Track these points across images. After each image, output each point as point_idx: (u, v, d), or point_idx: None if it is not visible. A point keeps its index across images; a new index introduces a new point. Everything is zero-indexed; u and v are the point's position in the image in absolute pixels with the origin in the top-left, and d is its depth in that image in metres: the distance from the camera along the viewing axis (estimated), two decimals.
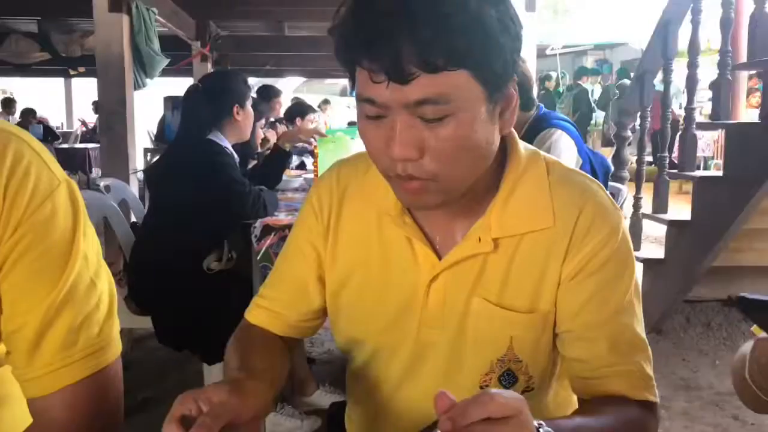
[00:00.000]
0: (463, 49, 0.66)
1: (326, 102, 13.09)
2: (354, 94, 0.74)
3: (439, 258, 0.83)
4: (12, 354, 0.73)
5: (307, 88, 17.29)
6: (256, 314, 0.95)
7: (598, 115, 9.41)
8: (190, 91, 2.44)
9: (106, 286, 0.76)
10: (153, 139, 7.43)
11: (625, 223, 0.83)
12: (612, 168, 2.53)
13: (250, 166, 3.12)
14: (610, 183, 2.93)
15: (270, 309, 0.94)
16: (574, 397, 0.92)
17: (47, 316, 0.70)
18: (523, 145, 0.85)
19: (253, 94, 2.53)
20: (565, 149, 2.25)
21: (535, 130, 2.35)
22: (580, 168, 2.25)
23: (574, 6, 8.45)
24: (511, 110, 0.76)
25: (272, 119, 4.40)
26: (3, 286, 0.71)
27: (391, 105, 0.69)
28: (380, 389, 0.91)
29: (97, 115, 10.09)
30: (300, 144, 3.07)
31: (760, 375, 0.73)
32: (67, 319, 0.71)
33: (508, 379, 0.83)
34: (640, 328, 0.82)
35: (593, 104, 9.59)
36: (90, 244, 0.75)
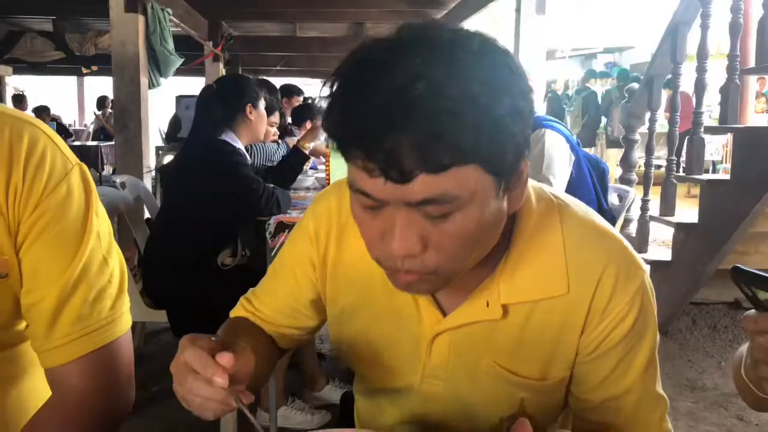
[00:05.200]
0: (471, 147, 0.58)
1: None
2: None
3: (444, 313, 0.77)
4: (31, 326, 0.78)
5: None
6: (241, 315, 0.93)
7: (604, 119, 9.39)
8: (205, 91, 2.50)
9: (117, 263, 0.82)
10: (164, 137, 7.48)
11: (646, 277, 0.77)
12: (608, 169, 2.54)
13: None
14: (618, 186, 2.96)
15: (256, 315, 0.91)
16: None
17: (65, 289, 0.75)
18: (535, 196, 0.77)
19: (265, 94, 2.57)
20: (557, 146, 2.25)
21: None
22: (573, 166, 2.27)
23: (584, 9, 8.45)
24: (522, 185, 0.68)
25: (289, 123, 4.43)
26: (24, 261, 0.76)
27: (390, 200, 0.61)
28: (386, 415, 0.90)
29: (99, 112, 10.23)
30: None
31: (754, 369, 0.74)
32: (83, 292, 0.76)
33: None
34: (659, 382, 0.80)
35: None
36: (102, 223, 0.81)
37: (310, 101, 5.09)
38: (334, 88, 0.62)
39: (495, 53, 0.62)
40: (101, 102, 10.37)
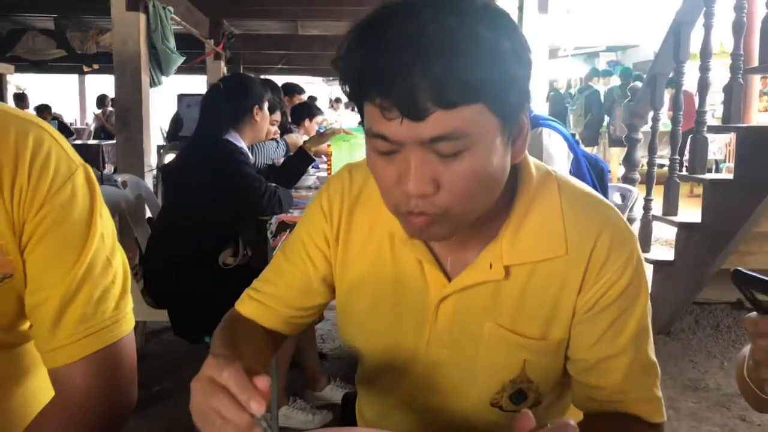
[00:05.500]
0: (479, 84, 0.64)
1: (338, 100, 13.09)
2: (364, 128, 0.72)
3: (449, 279, 0.82)
4: (35, 326, 0.78)
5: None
6: (247, 306, 0.93)
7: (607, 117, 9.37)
8: (211, 90, 2.49)
9: (120, 264, 0.82)
10: (165, 136, 7.48)
11: (639, 246, 0.82)
12: (608, 168, 2.54)
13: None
14: (621, 185, 2.95)
15: (263, 302, 0.92)
16: (567, 401, 0.93)
17: (69, 290, 0.76)
18: (534, 166, 0.82)
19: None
20: (555, 144, 2.25)
21: None
22: (572, 163, 2.27)
23: (587, 6, 8.41)
24: (523, 138, 0.75)
25: (288, 121, 4.43)
26: (28, 261, 0.76)
27: (405, 141, 0.67)
28: (390, 398, 0.92)
29: (98, 110, 10.23)
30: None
31: (755, 371, 0.74)
32: (87, 293, 0.77)
33: (518, 397, 0.84)
34: (651, 349, 0.83)
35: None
36: (106, 225, 0.81)
37: (309, 100, 5.09)
38: (353, 38, 0.68)
39: (496, 10, 0.70)
40: (101, 101, 10.37)
